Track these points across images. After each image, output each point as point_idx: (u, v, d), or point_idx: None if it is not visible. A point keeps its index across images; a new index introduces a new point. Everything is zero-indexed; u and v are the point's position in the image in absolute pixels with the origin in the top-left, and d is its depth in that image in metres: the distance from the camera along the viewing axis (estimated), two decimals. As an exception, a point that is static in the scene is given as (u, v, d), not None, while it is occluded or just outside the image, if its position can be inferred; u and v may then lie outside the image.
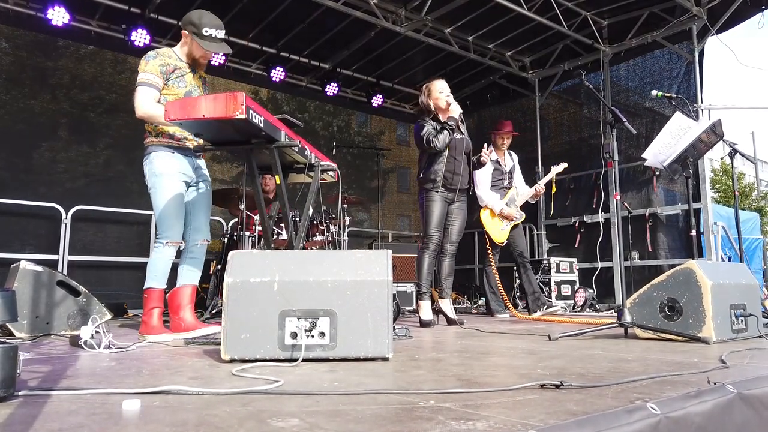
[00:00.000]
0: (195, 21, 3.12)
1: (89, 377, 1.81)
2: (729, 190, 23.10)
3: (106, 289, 5.95)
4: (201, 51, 3.20)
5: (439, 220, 4.28)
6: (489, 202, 5.16)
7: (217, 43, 3.17)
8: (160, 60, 3.13)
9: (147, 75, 3.08)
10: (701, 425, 1.29)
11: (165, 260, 3.16)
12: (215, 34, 3.15)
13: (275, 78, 7.43)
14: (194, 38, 3.13)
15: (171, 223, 3.14)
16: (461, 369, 1.94)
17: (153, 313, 3.09)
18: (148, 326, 3.07)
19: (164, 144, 3.17)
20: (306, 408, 1.31)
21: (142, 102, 3.05)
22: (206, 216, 3.40)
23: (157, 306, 3.12)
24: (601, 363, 2.06)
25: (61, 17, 5.97)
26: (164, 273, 3.17)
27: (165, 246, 3.14)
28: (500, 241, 5.16)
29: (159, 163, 3.14)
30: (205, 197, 3.39)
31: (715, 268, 2.93)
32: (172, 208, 3.15)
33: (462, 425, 1.12)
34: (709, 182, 6.46)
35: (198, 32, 3.11)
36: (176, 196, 3.17)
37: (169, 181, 3.14)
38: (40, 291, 3.35)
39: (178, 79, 3.18)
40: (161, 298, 3.16)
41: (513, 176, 5.42)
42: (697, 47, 6.46)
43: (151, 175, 3.16)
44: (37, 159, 6.19)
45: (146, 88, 3.07)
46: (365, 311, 2.11)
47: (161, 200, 3.13)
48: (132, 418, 1.23)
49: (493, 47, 7.70)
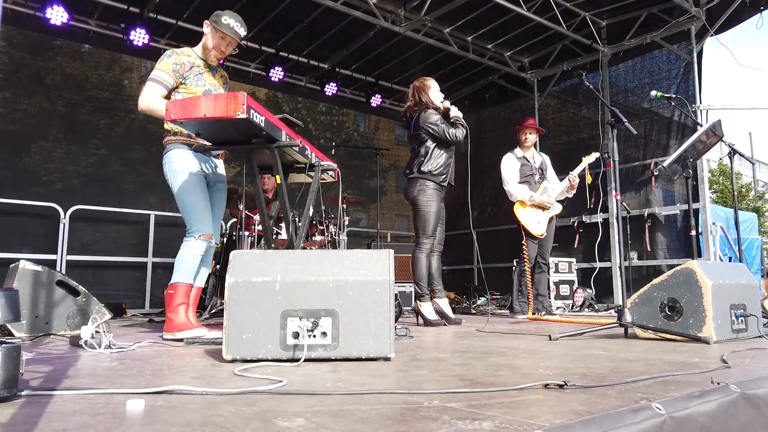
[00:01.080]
0: (218, 12, 3.24)
1: (91, 377, 1.80)
2: (726, 191, 23.17)
3: (105, 289, 5.93)
4: (216, 39, 3.23)
5: (437, 220, 4.28)
6: (517, 193, 5.11)
7: (233, 32, 3.21)
8: (175, 58, 3.17)
9: (157, 72, 3.13)
10: (705, 425, 1.29)
11: (194, 255, 3.13)
12: (233, 24, 3.21)
13: (274, 78, 7.42)
14: (213, 25, 3.20)
15: (200, 216, 3.13)
16: (464, 369, 1.94)
17: (179, 309, 3.04)
18: (174, 323, 3.01)
19: (183, 142, 3.17)
20: (310, 408, 1.31)
21: (144, 96, 3.09)
22: (219, 218, 3.42)
23: (184, 302, 3.07)
24: (603, 363, 2.07)
25: (60, 16, 5.95)
26: (192, 268, 3.14)
27: (197, 240, 3.11)
28: (538, 233, 5.05)
29: (178, 160, 3.15)
30: (220, 200, 3.41)
31: (715, 269, 2.94)
32: (199, 201, 3.14)
33: (468, 425, 1.12)
34: (707, 183, 6.47)
35: (217, 20, 3.19)
36: (201, 190, 3.17)
37: (191, 177, 3.15)
38: (39, 291, 3.34)
39: (197, 78, 3.21)
40: (188, 294, 3.12)
41: (545, 173, 5.33)
42: (696, 48, 6.47)
43: (172, 172, 3.15)
44: (36, 159, 6.17)
45: (153, 83, 3.10)
46: (367, 311, 2.11)
47: (186, 195, 3.12)
48: (137, 418, 1.23)
49: (492, 47, 7.70)
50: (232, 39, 3.23)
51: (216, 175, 3.36)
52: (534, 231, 5.04)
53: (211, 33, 3.25)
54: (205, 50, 3.30)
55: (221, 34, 3.20)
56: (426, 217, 4.23)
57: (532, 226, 5.05)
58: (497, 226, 8.15)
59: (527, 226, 5.04)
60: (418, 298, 4.24)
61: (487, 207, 8.72)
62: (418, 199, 4.26)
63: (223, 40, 3.23)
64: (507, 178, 5.20)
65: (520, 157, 5.25)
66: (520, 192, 5.11)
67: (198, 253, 3.14)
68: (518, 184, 5.16)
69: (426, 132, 4.28)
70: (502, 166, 5.26)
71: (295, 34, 7.12)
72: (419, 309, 4.23)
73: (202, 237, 3.13)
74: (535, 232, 5.05)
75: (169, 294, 3.09)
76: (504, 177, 5.20)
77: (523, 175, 5.21)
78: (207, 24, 3.27)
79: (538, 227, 5.07)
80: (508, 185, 5.17)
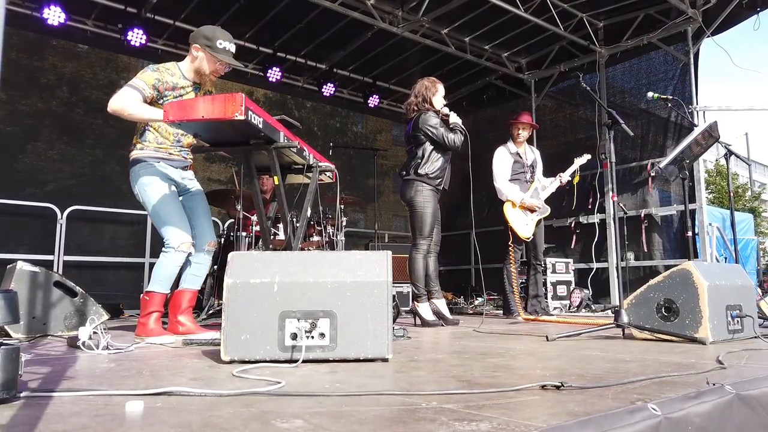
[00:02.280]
0: (208, 35, 3.09)
1: (90, 378, 1.81)
2: (722, 191, 23.25)
3: (102, 289, 5.93)
4: (214, 65, 3.15)
5: (433, 221, 4.28)
6: (509, 193, 5.01)
7: (230, 56, 3.14)
8: (158, 75, 3.07)
9: (138, 81, 3.02)
10: (701, 426, 1.30)
11: (172, 266, 3.09)
12: (229, 47, 3.13)
13: (272, 78, 7.42)
14: (208, 51, 3.09)
15: (174, 227, 3.08)
16: (461, 370, 1.95)
17: (151, 316, 3.05)
18: (146, 328, 3.03)
19: (149, 156, 3.13)
20: (309, 409, 1.31)
21: (118, 97, 2.97)
22: (208, 220, 3.38)
23: (157, 310, 3.07)
24: (600, 364, 2.08)
25: (57, 17, 5.94)
26: (170, 278, 3.11)
27: (176, 251, 3.07)
28: (525, 236, 4.96)
29: (145, 174, 3.11)
30: (201, 202, 3.35)
31: (711, 270, 2.95)
32: (173, 212, 3.10)
33: (466, 426, 1.12)
34: (704, 184, 6.50)
35: (212, 45, 3.08)
36: (173, 201, 3.12)
37: (159, 187, 3.10)
38: (36, 292, 3.33)
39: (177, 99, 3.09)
40: (162, 302, 3.11)
41: (535, 170, 5.26)
42: (693, 49, 6.50)
43: (140, 186, 3.11)
44: (32, 159, 6.16)
45: (131, 89, 3.00)
46: (365, 312, 2.12)
47: (159, 207, 3.08)
48: (136, 419, 1.23)
49: (489, 48, 7.72)
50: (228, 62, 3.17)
51: (185, 183, 3.29)
52: (521, 233, 4.96)
53: (206, 58, 3.12)
54: (199, 75, 3.19)
55: (218, 61, 3.12)
56: (423, 218, 4.23)
57: (520, 228, 4.97)
58: (495, 227, 8.17)
59: (515, 227, 4.96)
60: (416, 299, 4.25)
61: (484, 208, 8.72)
62: (415, 200, 4.26)
63: (220, 64, 3.16)
64: (498, 174, 5.09)
65: (513, 153, 5.16)
66: (511, 192, 5.02)
67: (176, 264, 3.10)
68: (509, 182, 5.08)
69: (425, 134, 4.27)
70: (494, 161, 5.15)
71: (292, 34, 7.13)
72: (416, 309, 4.25)
73: (180, 248, 3.07)
74: (522, 235, 4.96)
75: (145, 300, 3.07)
76: (495, 172, 5.09)
77: (515, 171, 5.12)
78: (197, 48, 3.12)
79: (525, 230, 4.99)
80: (499, 182, 5.08)
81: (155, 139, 3.15)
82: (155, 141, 3.15)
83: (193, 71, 3.20)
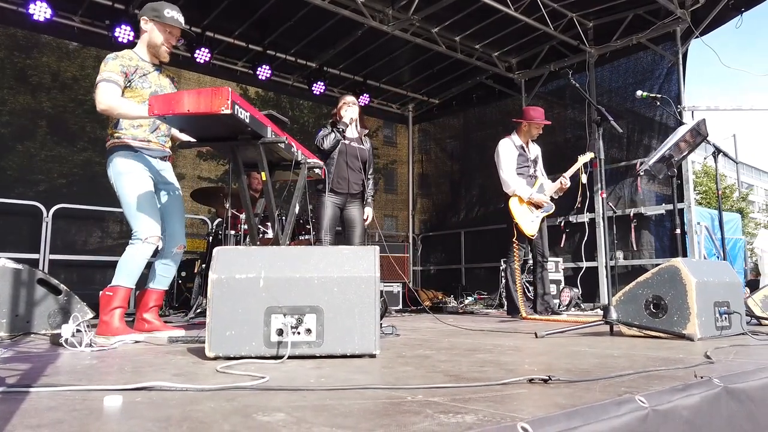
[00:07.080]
0: (155, 6, 3.15)
1: (70, 374, 1.77)
2: (710, 192, 23.45)
3: (88, 288, 5.86)
4: (165, 34, 3.15)
5: (328, 224, 4.46)
6: (516, 187, 4.84)
7: (175, 21, 3.15)
8: (120, 61, 3.04)
9: (107, 73, 2.98)
10: (689, 418, 1.29)
11: (140, 258, 3.00)
12: (177, 16, 3.15)
13: (261, 76, 7.37)
14: (156, 20, 3.12)
15: (144, 218, 3.01)
16: (449, 365, 1.93)
17: (114, 313, 2.90)
18: (110, 327, 2.87)
19: (126, 145, 3.08)
20: (292, 403, 1.29)
21: (103, 95, 2.94)
22: (180, 221, 3.31)
23: (121, 306, 2.94)
24: (588, 359, 2.07)
25: (43, 12, 5.87)
26: (137, 272, 3.01)
27: (143, 243, 2.99)
28: (530, 233, 4.81)
29: (122, 163, 3.05)
30: (176, 202, 3.30)
31: (699, 266, 2.96)
32: (143, 202, 3.02)
33: (451, 419, 1.10)
34: (692, 183, 6.53)
35: (159, 15, 3.12)
36: (145, 191, 3.06)
37: (135, 177, 3.05)
38: (19, 289, 3.28)
39: (141, 79, 3.09)
40: (126, 298, 3.00)
41: (537, 165, 5.13)
42: (681, 49, 6.53)
43: (116, 174, 3.05)
44: (18, 157, 6.09)
45: (108, 83, 2.97)
46: (352, 308, 2.10)
47: (129, 197, 3.01)
48: (113, 413, 1.20)
49: (479, 47, 7.72)
50: (178, 29, 3.17)
51: (163, 176, 3.24)
52: (527, 230, 4.80)
53: (156, 29, 3.13)
54: (152, 48, 3.18)
55: (168, 28, 3.13)
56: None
57: (526, 225, 4.81)
58: (484, 226, 8.18)
59: (521, 223, 4.79)
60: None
61: (474, 207, 8.73)
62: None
63: (170, 34, 3.17)
64: (506, 165, 4.91)
65: (518, 146, 5.00)
66: (519, 186, 4.86)
67: (144, 256, 3.01)
68: (515, 175, 4.91)
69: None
70: (501, 152, 4.96)
71: (282, 32, 7.09)
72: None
73: (149, 239, 3.00)
74: (528, 232, 4.81)
75: (107, 296, 2.92)
76: (503, 164, 4.91)
77: (519, 165, 4.96)
78: (146, 20, 3.14)
79: (531, 226, 4.83)
80: (506, 174, 4.89)
81: (130, 125, 3.09)
82: (131, 127, 3.09)
83: (147, 48, 3.19)
